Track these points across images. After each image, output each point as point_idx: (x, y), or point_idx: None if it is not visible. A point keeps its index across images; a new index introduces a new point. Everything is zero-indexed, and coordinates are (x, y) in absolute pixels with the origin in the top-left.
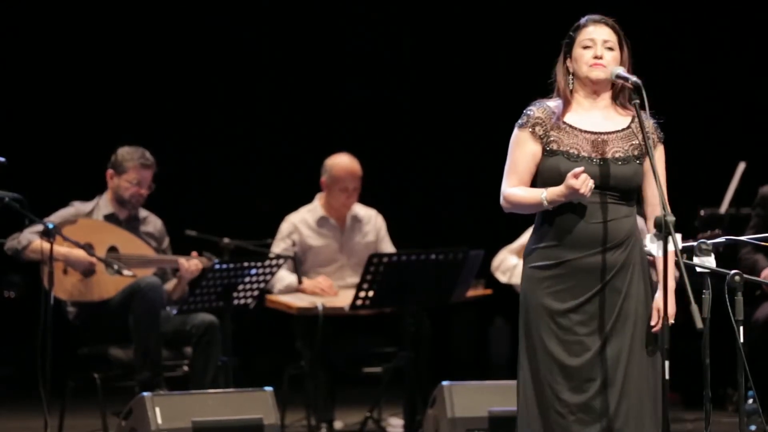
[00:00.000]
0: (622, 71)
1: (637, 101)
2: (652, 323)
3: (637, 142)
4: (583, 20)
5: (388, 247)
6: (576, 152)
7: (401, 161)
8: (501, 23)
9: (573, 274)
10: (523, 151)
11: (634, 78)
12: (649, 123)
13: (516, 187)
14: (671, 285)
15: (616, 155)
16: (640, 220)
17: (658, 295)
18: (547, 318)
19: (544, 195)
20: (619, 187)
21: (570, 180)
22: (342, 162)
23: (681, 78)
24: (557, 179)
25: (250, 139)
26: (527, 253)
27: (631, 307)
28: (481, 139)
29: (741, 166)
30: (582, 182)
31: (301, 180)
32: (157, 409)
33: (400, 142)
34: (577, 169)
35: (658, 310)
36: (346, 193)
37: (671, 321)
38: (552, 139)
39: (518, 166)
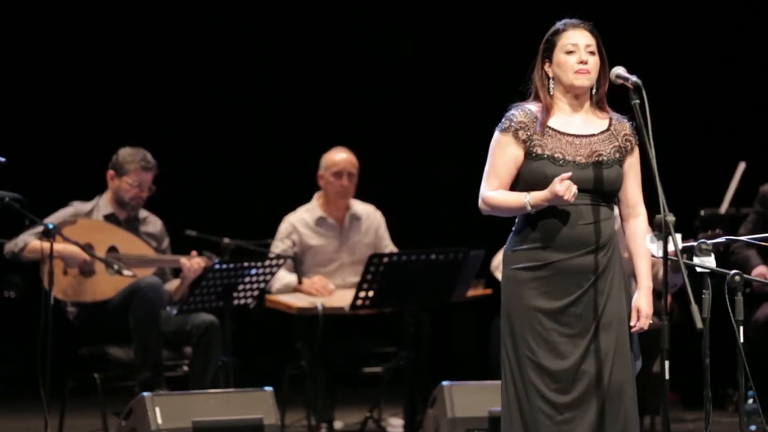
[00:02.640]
0: (622, 71)
1: (637, 101)
2: (632, 323)
3: (618, 143)
4: (561, 25)
5: (387, 243)
6: (561, 156)
7: (401, 161)
8: (502, 22)
9: (558, 276)
10: (504, 154)
11: (634, 78)
12: (626, 125)
13: (496, 191)
14: (649, 285)
15: (600, 158)
16: (618, 220)
17: (637, 296)
18: (533, 320)
19: (527, 199)
20: (603, 190)
21: (555, 186)
22: (336, 150)
23: (681, 78)
24: (543, 183)
25: (250, 139)
26: (508, 255)
27: (613, 308)
28: (481, 140)
29: (741, 166)
30: (566, 188)
31: (300, 180)
32: (157, 409)
33: (400, 142)
34: (564, 174)
35: (638, 311)
36: (340, 178)
37: (649, 322)
38: (536, 143)
39: (499, 169)
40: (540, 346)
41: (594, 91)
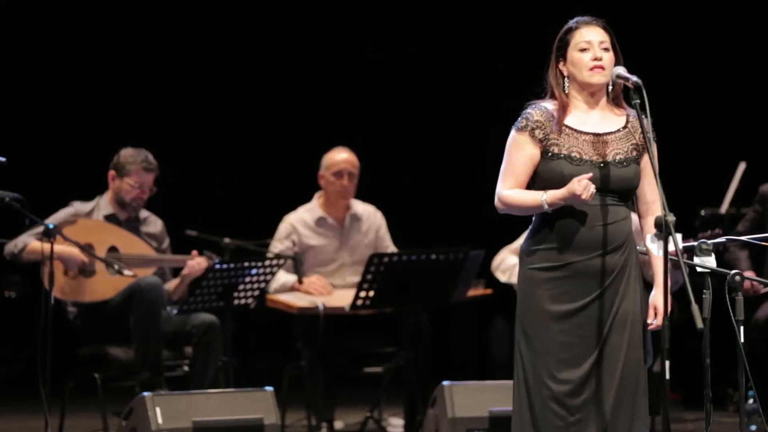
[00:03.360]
0: (622, 71)
1: (638, 101)
2: (649, 321)
3: (635, 141)
4: (573, 22)
5: (388, 244)
6: (578, 155)
7: (401, 161)
8: (502, 23)
9: (575, 277)
10: (521, 153)
11: (634, 78)
12: (647, 122)
13: (513, 189)
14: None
15: (617, 157)
16: (634, 218)
17: (654, 294)
18: (547, 321)
19: (544, 198)
20: (620, 190)
21: (573, 185)
22: (337, 150)
23: (681, 78)
24: (559, 182)
25: (250, 139)
26: (525, 255)
27: (627, 309)
28: (481, 140)
29: (741, 166)
30: (584, 188)
31: (300, 180)
32: (158, 409)
33: (401, 141)
34: (585, 175)
35: (656, 308)
36: (340, 178)
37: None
38: (552, 142)
39: (516, 168)
40: (554, 347)
41: (610, 87)
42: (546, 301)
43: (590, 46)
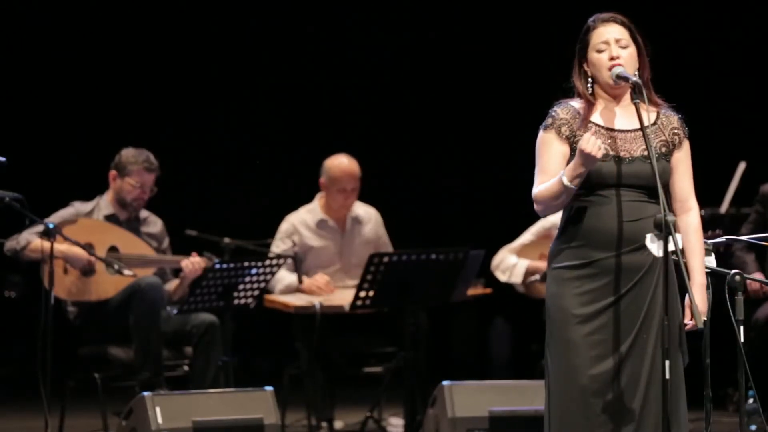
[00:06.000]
0: (622, 71)
1: (638, 101)
2: (685, 321)
3: (665, 138)
4: (591, 21)
5: (386, 241)
6: (606, 151)
7: (401, 161)
8: (501, 25)
9: (603, 274)
10: (551, 152)
11: (634, 78)
12: (674, 119)
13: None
14: (702, 281)
15: (645, 153)
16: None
17: (690, 293)
18: (573, 321)
19: (563, 175)
20: (648, 185)
21: (581, 144)
22: (340, 163)
23: (681, 78)
24: (589, 177)
25: (250, 139)
26: (552, 255)
27: (656, 308)
28: (481, 140)
29: (741, 166)
30: (590, 144)
31: (301, 180)
32: (158, 409)
33: (400, 142)
34: (588, 133)
35: (690, 308)
36: (344, 194)
37: (704, 319)
38: (579, 138)
39: (549, 167)
40: (582, 348)
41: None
42: (573, 300)
43: (607, 46)
